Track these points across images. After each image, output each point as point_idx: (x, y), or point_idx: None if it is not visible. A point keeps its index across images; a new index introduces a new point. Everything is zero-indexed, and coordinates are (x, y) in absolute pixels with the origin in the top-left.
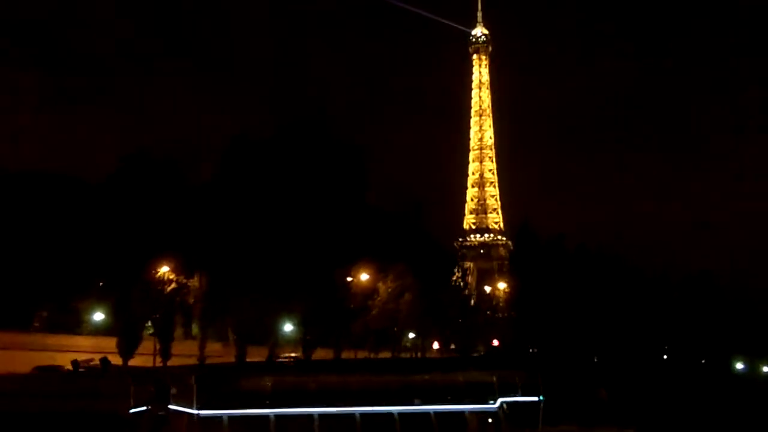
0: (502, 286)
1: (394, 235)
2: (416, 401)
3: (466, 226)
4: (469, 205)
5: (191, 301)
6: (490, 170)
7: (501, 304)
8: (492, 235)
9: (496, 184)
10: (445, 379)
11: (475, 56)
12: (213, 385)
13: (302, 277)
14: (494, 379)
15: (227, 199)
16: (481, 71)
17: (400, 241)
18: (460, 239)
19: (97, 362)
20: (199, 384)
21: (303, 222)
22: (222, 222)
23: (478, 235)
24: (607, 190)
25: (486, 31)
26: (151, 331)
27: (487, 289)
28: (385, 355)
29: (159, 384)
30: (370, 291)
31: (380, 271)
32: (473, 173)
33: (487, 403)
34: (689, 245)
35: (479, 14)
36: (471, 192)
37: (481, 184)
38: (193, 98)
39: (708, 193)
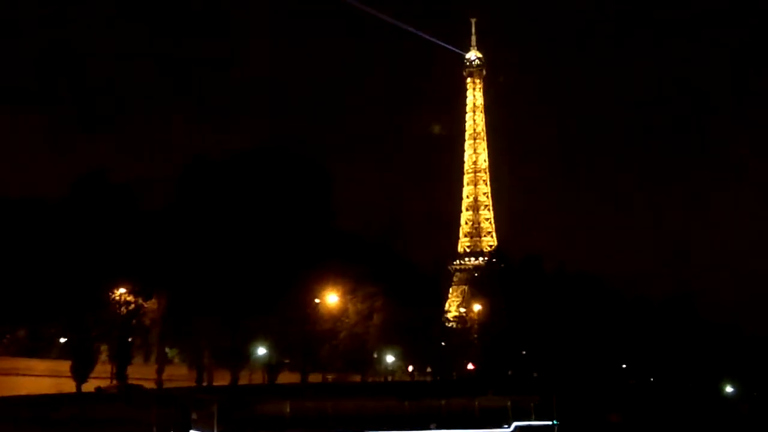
0: (477, 308)
1: (366, 257)
2: (432, 426)
3: (460, 249)
4: (464, 228)
5: (147, 323)
6: (484, 193)
7: (475, 327)
8: (486, 258)
9: (491, 208)
10: (459, 404)
11: (469, 80)
12: (234, 409)
13: (267, 299)
14: (508, 404)
15: (189, 220)
16: (475, 94)
17: (372, 263)
18: (455, 262)
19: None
20: (220, 409)
21: (268, 244)
22: (183, 243)
23: (472, 259)
24: (602, 211)
25: (480, 55)
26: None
27: (462, 310)
28: (355, 378)
29: (180, 409)
30: (339, 313)
31: (349, 293)
32: (467, 196)
33: (501, 427)
34: (683, 269)
35: (473, 38)
36: (465, 215)
37: (475, 207)
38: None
39: (698, 214)
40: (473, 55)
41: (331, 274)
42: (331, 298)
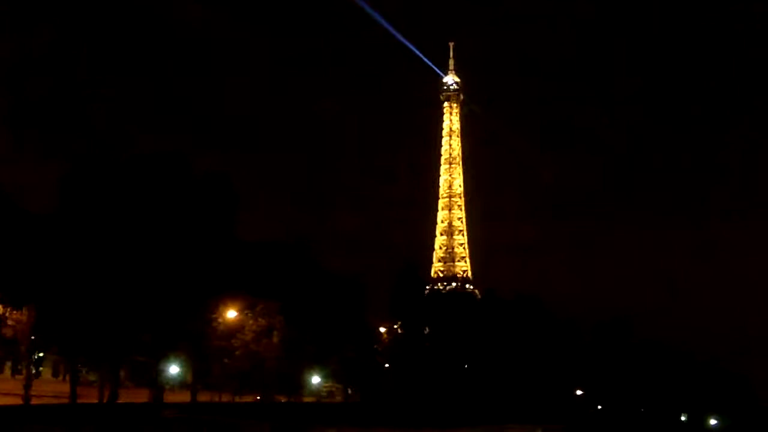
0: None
1: (273, 272)
2: None
3: (433, 273)
4: (437, 253)
5: (10, 334)
6: (459, 218)
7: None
8: (459, 283)
9: (465, 233)
10: None
11: (446, 104)
12: None
13: (153, 311)
14: None
15: (69, 225)
16: (451, 119)
17: (281, 274)
18: (427, 287)
19: None
20: None
21: (157, 254)
22: (61, 250)
23: (445, 283)
24: (578, 241)
25: (457, 79)
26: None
27: (383, 330)
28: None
29: None
30: (236, 330)
31: (248, 308)
32: (442, 221)
33: None
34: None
35: (451, 62)
36: (439, 240)
37: (449, 232)
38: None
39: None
40: (450, 79)
41: (230, 287)
42: (229, 314)
